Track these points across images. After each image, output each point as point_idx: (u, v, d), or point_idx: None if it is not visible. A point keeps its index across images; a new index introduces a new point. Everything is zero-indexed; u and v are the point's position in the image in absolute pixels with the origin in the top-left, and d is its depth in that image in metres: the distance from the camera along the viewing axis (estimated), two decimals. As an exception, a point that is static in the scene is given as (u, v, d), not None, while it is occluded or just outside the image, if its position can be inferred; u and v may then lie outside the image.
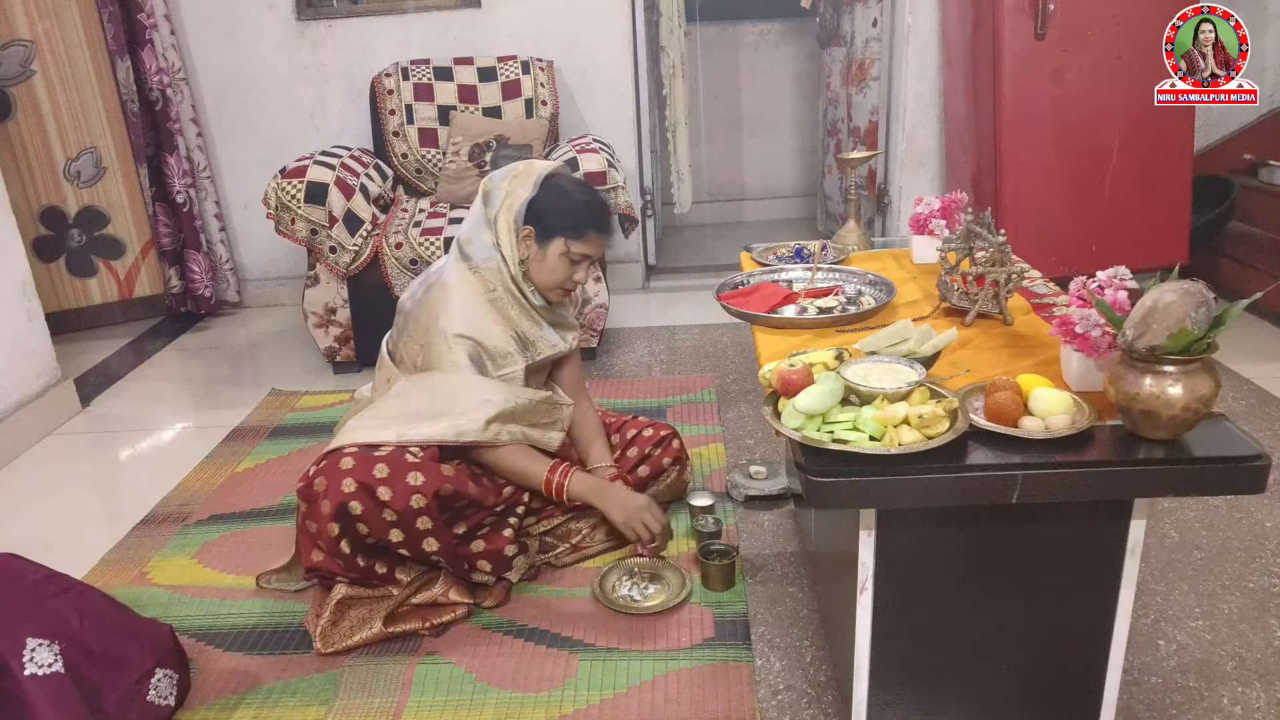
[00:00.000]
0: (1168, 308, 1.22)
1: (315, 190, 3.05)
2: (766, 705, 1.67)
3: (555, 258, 1.95)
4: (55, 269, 3.75)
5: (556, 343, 2.07)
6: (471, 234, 2.00)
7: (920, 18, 3.76)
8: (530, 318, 2.03)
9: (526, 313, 2.02)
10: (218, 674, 1.81)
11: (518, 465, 1.97)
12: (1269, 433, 2.53)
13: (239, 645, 1.89)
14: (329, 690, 1.75)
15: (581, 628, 1.89)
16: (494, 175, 2.02)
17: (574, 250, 1.94)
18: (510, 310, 2.00)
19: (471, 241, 1.99)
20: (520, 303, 2.00)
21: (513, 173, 1.99)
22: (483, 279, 1.98)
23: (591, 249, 1.96)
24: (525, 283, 1.99)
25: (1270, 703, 1.63)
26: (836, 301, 1.88)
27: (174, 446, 2.90)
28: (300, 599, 2.02)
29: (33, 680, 1.40)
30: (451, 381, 1.91)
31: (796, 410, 1.33)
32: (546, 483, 1.96)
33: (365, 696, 1.72)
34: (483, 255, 1.98)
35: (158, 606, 2.01)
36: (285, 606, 2.00)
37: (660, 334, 3.57)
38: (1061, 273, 2.86)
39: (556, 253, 1.94)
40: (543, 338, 2.04)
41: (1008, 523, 1.37)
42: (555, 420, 2.07)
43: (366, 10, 3.87)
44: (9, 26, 3.46)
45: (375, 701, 1.71)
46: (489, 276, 1.98)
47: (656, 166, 4.46)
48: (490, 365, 1.96)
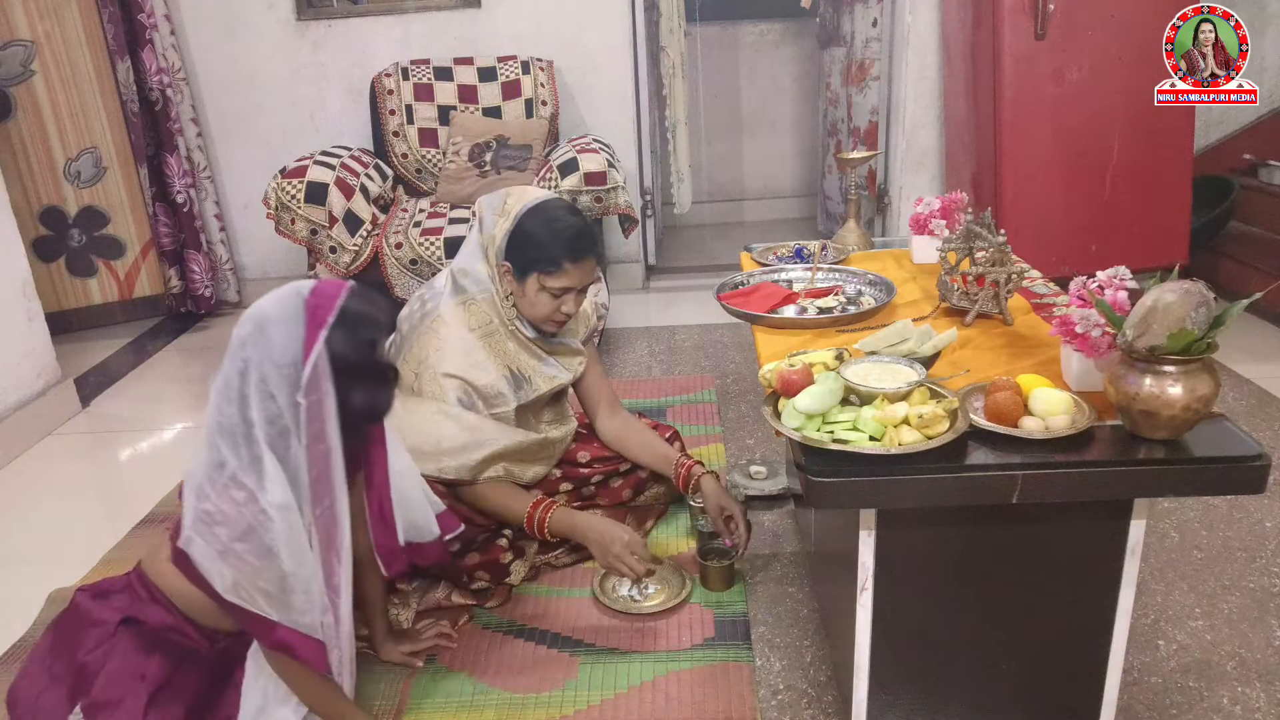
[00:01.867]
0: (1168, 308, 1.22)
1: (315, 190, 3.05)
2: (766, 705, 1.67)
3: (535, 293, 1.89)
4: (55, 269, 3.75)
5: (556, 374, 2.02)
6: (466, 265, 1.95)
7: (920, 18, 3.76)
8: (529, 350, 1.99)
9: (524, 345, 1.98)
10: (218, 674, 1.81)
11: (499, 502, 1.94)
12: (1269, 433, 2.53)
13: (239, 645, 1.89)
14: (329, 690, 1.75)
15: (582, 628, 1.89)
16: (486, 200, 1.96)
17: (549, 285, 1.88)
18: (507, 344, 1.96)
19: (467, 273, 1.95)
20: (517, 336, 1.96)
21: (502, 202, 1.93)
22: (480, 310, 1.94)
23: (569, 281, 1.88)
24: (518, 316, 1.95)
25: (1270, 703, 1.63)
26: (836, 301, 1.88)
27: (174, 446, 2.90)
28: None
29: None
30: (441, 422, 1.87)
31: (796, 410, 1.33)
32: (528, 519, 1.94)
33: (365, 697, 1.72)
34: (478, 287, 1.94)
35: (158, 606, 2.01)
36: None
37: (660, 334, 3.57)
38: (1061, 273, 2.86)
39: (535, 288, 1.89)
40: (541, 371, 2.00)
41: (1008, 523, 1.37)
42: (545, 457, 2.06)
43: (366, 10, 3.88)
44: (9, 26, 3.46)
45: (375, 702, 1.71)
46: (485, 308, 1.94)
47: (656, 166, 4.46)
48: (481, 404, 1.92)
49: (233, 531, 1.35)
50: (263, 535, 1.35)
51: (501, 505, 1.94)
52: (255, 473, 1.34)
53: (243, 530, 1.35)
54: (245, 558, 1.36)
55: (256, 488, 1.34)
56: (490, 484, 1.93)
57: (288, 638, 1.41)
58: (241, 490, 1.34)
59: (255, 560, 1.36)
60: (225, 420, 1.35)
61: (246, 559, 1.36)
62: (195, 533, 1.37)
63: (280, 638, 1.40)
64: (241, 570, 1.37)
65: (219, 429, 1.35)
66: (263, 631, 1.40)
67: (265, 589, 1.38)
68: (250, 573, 1.37)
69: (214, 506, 1.35)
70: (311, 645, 1.43)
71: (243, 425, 1.34)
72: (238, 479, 1.34)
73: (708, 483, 2.01)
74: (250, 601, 1.38)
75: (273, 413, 1.33)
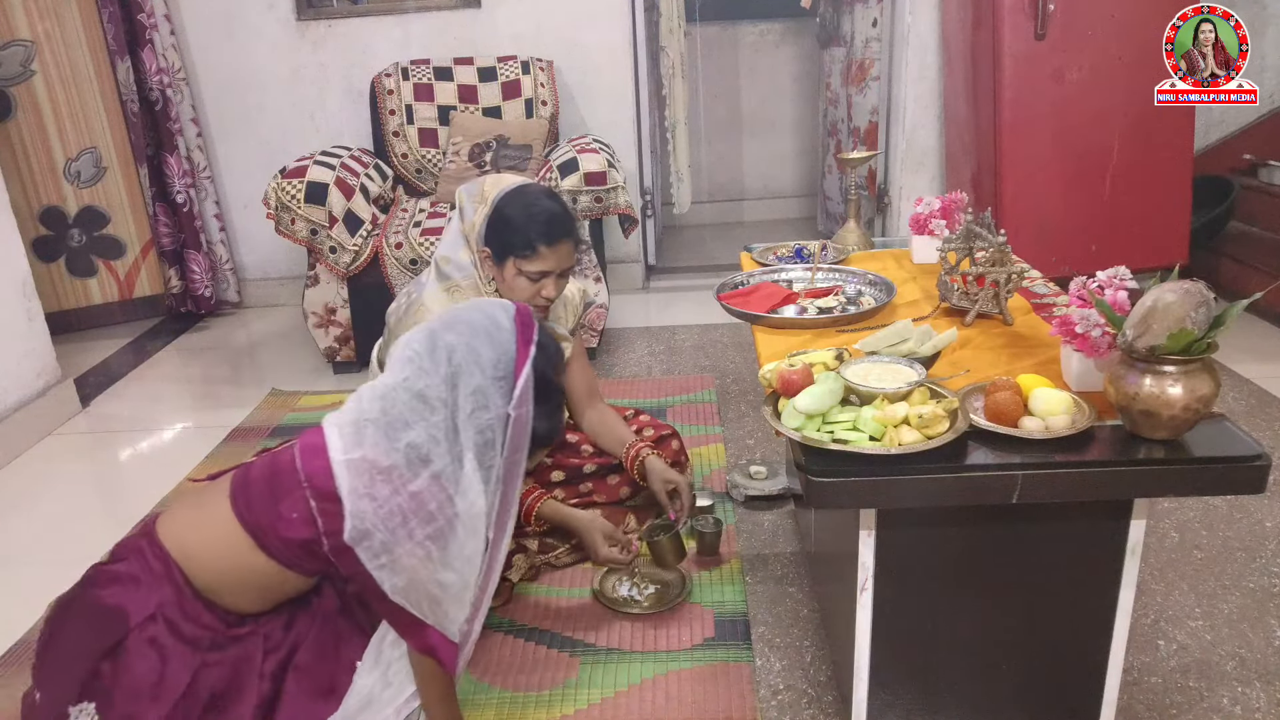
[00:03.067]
0: (1168, 308, 1.22)
1: (315, 190, 3.05)
2: (766, 705, 1.67)
3: (513, 277, 1.90)
4: (55, 269, 3.75)
5: None
6: (449, 252, 1.97)
7: (920, 18, 3.76)
8: None
9: None
10: (218, 674, 1.80)
11: None
12: (1269, 433, 2.53)
13: (239, 645, 1.88)
14: (329, 690, 1.74)
15: (582, 628, 1.89)
16: (465, 188, 1.98)
17: (526, 269, 1.88)
18: None
19: (449, 260, 1.96)
20: None
21: (480, 189, 1.95)
22: (464, 296, 1.95)
23: (546, 264, 1.89)
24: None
25: (1270, 703, 1.63)
26: (836, 301, 1.88)
27: (174, 446, 2.90)
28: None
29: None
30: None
31: (796, 410, 1.33)
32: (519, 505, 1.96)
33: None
34: (463, 273, 1.95)
35: (158, 606, 2.01)
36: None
37: (660, 334, 3.57)
38: (1061, 273, 2.86)
39: (512, 273, 1.90)
40: None
41: (1008, 523, 1.37)
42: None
43: (366, 10, 3.88)
44: (9, 26, 3.46)
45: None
46: (469, 294, 1.95)
47: (656, 166, 4.46)
48: None
49: (423, 530, 1.37)
50: (449, 539, 1.38)
51: None
52: (456, 478, 1.38)
53: (433, 532, 1.37)
54: (432, 558, 1.37)
55: (455, 492, 1.38)
56: None
57: (437, 641, 1.42)
58: (444, 491, 1.37)
59: (438, 563, 1.38)
60: (429, 424, 1.37)
61: (432, 560, 1.37)
62: (378, 526, 1.35)
63: (430, 641, 1.41)
64: (420, 572, 1.37)
65: (423, 431, 1.37)
66: (415, 633, 1.41)
67: (432, 593, 1.39)
68: (427, 575, 1.38)
69: (407, 503, 1.36)
70: (452, 650, 1.45)
71: (451, 430, 1.38)
72: (441, 480, 1.37)
73: (651, 461, 2.04)
74: (416, 605, 1.39)
75: (484, 422, 1.38)
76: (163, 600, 1.42)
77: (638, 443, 2.10)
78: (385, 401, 1.40)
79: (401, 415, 1.39)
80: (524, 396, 1.40)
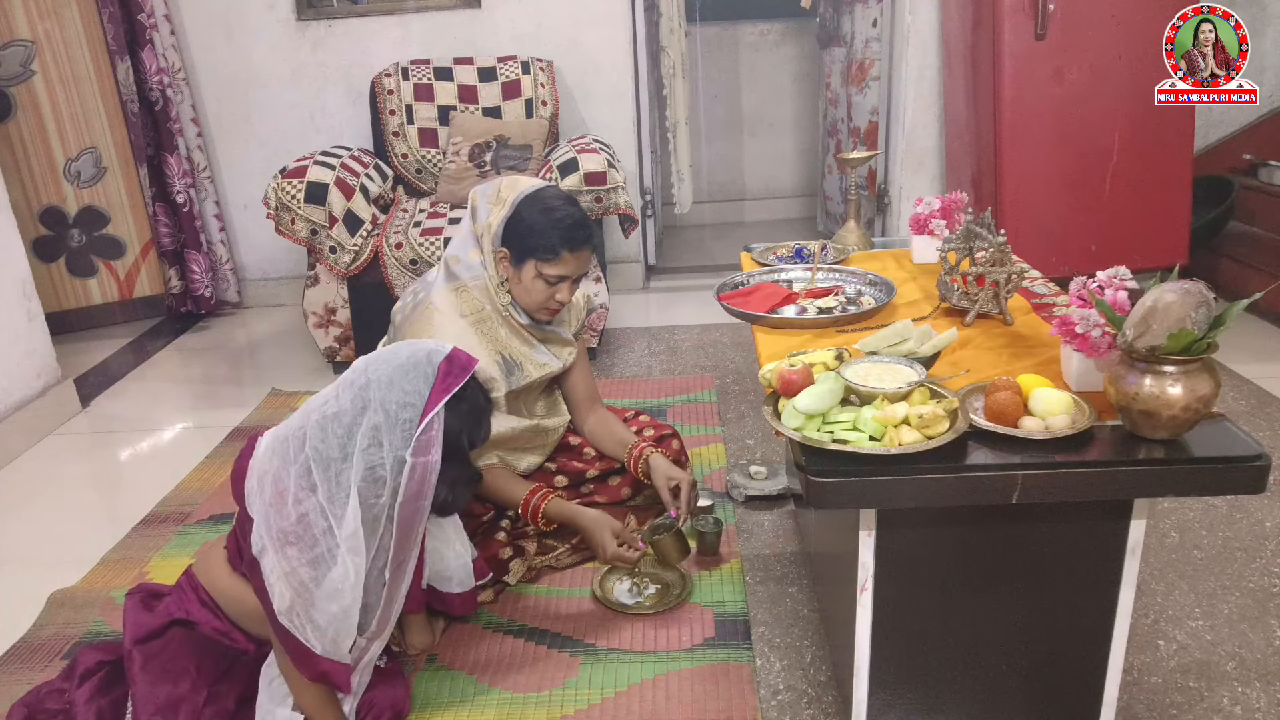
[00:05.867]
0: (1168, 308, 1.22)
1: (315, 190, 3.05)
2: (767, 705, 1.67)
3: (530, 280, 1.91)
4: (55, 269, 3.75)
5: (547, 362, 2.04)
6: (459, 252, 1.98)
7: (920, 18, 3.76)
8: (520, 337, 2.01)
9: (516, 332, 2.00)
10: (218, 674, 1.80)
11: (497, 486, 1.96)
12: (1269, 433, 2.53)
13: (239, 645, 1.89)
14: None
15: (582, 628, 1.89)
16: (480, 190, 1.99)
17: (546, 272, 1.90)
18: (499, 330, 1.98)
19: (459, 260, 1.97)
20: (509, 322, 1.98)
21: (496, 190, 1.96)
22: (471, 297, 1.96)
23: (566, 269, 1.90)
24: (512, 302, 1.97)
25: (1270, 703, 1.63)
26: (836, 301, 1.88)
27: (174, 446, 2.90)
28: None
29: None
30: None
31: (796, 410, 1.33)
32: (524, 504, 1.96)
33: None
34: (471, 274, 1.96)
35: (158, 606, 2.01)
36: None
37: (660, 334, 3.57)
38: (1061, 273, 2.86)
39: (531, 275, 1.91)
40: (532, 358, 2.02)
41: (1008, 523, 1.37)
42: (538, 446, 2.08)
43: (366, 10, 3.87)
44: (9, 26, 3.46)
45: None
46: (478, 294, 1.96)
47: (656, 166, 4.46)
48: None
49: (303, 556, 1.37)
50: (329, 568, 1.37)
51: (499, 489, 1.97)
52: (339, 509, 1.37)
53: (313, 558, 1.37)
54: (308, 585, 1.38)
55: (336, 523, 1.37)
56: (487, 469, 1.96)
57: (326, 668, 1.43)
58: (325, 519, 1.37)
59: (315, 589, 1.38)
60: (324, 449, 1.37)
61: (309, 587, 1.38)
62: (270, 543, 1.38)
63: (320, 669, 1.43)
64: (301, 596, 1.38)
65: (316, 455, 1.37)
66: (304, 660, 1.42)
67: (316, 621, 1.39)
68: (306, 602, 1.38)
69: (292, 526, 1.37)
70: (344, 672, 1.46)
71: (340, 459, 1.36)
72: (324, 508, 1.37)
73: (655, 459, 2.03)
74: (299, 630, 1.39)
75: (374, 460, 1.36)
76: (201, 618, 1.58)
77: (640, 442, 2.10)
78: (306, 419, 1.41)
79: (310, 437, 1.38)
80: (426, 445, 1.37)
